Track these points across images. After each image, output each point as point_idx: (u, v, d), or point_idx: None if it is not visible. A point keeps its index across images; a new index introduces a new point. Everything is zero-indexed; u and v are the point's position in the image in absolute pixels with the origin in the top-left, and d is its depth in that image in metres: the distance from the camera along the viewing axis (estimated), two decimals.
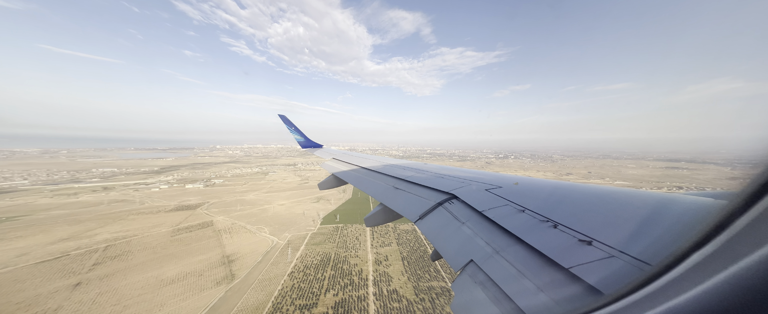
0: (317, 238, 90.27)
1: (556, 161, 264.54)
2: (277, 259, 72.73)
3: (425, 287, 59.18)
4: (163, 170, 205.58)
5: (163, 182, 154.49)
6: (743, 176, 0.44)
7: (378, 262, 71.75)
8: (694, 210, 1.93)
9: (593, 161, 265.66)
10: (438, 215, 3.39)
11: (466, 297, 1.77)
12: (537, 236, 2.05)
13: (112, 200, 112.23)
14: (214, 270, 63.41)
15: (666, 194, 2.50)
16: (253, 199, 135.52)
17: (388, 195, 5.01)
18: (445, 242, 2.73)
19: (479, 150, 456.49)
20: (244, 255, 72.88)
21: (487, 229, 2.57)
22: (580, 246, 1.72)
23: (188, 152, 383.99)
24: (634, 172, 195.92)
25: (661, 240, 1.63)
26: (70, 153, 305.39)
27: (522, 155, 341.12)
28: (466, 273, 2.01)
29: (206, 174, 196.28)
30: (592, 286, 1.27)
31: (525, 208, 2.77)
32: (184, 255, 68.91)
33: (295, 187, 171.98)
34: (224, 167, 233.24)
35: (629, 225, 2.05)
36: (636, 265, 1.37)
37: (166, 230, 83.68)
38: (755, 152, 0.39)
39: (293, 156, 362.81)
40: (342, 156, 11.13)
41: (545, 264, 1.68)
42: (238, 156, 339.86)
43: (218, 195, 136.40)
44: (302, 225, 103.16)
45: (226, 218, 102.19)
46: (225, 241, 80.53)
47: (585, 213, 2.40)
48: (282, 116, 16.19)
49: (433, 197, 4.04)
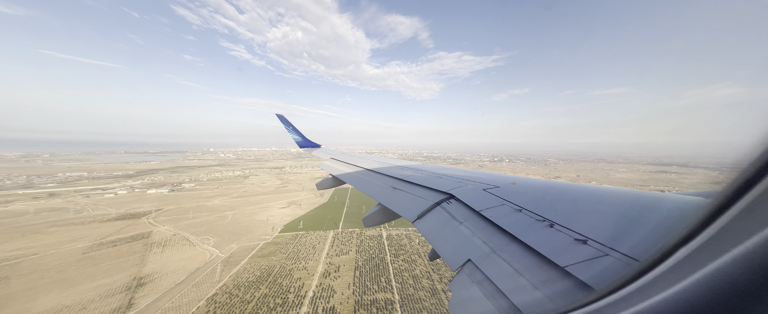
0: (268, 249, 77.61)
1: (548, 165, 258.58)
2: (204, 279, 59.37)
3: (368, 301, 52.53)
4: (138, 174, 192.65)
5: (125, 187, 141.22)
6: (724, 178, 0.45)
7: (326, 274, 62.62)
8: (682, 208, 1.98)
9: (586, 165, 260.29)
10: (436, 214, 3.35)
11: (463, 296, 1.75)
12: (533, 235, 2.05)
13: (45, 209, 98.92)
14: (107, 300, 49.74)
15: (657, 193, 2.52)
16: (216, 205, 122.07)
17: (386, 195, 4.88)
18: (443, 241, 2.68)
19: (476, 153, 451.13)
20: (163, 275, 59.24)
21: (485, 228, 2.56)
22: (576, 245, 1.71)
23: (178, 155, 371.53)
24: (623, 175, 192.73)
25: (652, 237, 1.64)
26: (51, 157, 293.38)
27: (517, 158, 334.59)
28: (464, 272, 2.00)
29: (181, 178, 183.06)
30: (587, 284, 1.26)
31: (522, 208, 2.75)
32: (82, 279, 55.28)
33: (271, 191, 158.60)
34: (206, 171, 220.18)
35: (622, 224, 2.05)
36: (628, 262, 1.38)
37: (82, 245, 70.20)
38: (739, 155, 0.40)
39: (285, 159, 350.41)
40: (340, 156, 11.03)
41: (542, 263, 1.67)
42: (228, 159, 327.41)
43: (178, 201, 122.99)
44: (257, 234, 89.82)
45: (170, 228, 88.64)
46: (151, 258, 66.89)
47: (580, 213, 2.42)
48: (280, 116, 15.98)
49: (432, 197, 3.98)
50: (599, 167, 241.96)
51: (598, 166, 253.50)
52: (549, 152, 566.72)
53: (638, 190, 2.78)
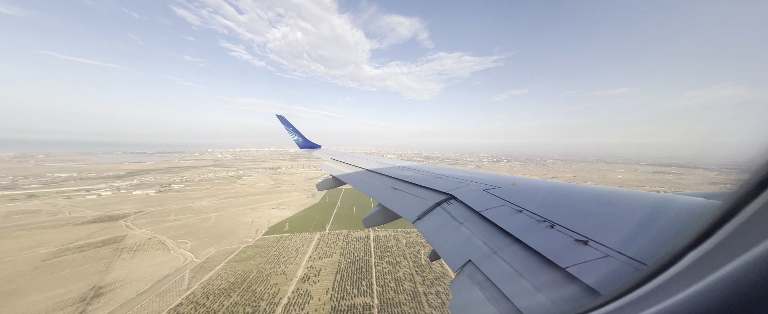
0: (248, 252, 72.96)
1: (547, 165, 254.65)
2: (172, 287, 54.24)
3: (346, 306, 49.26)
4: (129, 175, 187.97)
5: (111, 188, 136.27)
6: (730, 179, 0.43)
7: (305, 278, 58.61)
8: (690, 211, 1.92)
9: (584, 165, 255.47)
10: (436, 215, 3.31)
11: (464, 298, 1.73)
12: (534, 236, 2.02)
13: (18, 212, 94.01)
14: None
15: (662, 194, 2.47)
16: (202, 206, 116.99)
17: (386, 196, 4.84)
18: (443, 242, 2.64)
19: (475, 154, 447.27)
20: (126, 284, 54.11)
21: (485, 229, 2.53)
22: (577, 246, 1.69)
23: (176, 155, 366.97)
24: (620, 176, 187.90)
25: (656, 240, 1.60)
26: (46, 157, 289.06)
27: (516, 159, 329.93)
28: (464, 273, 1.97)
29: (173, 178, 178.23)
30: (589, 286, 1.24)
31: (522, 208, 2.72)
32: (33, 290, 50.17)
33: (263, 192, 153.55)
34: (200, 171, 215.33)
35: (625, 225, 2.02)
36: (631, 265, 1.35)
37: (45, 251, 65.14)
38: (748, 155, 0.38)
39: (282, 159, 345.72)
40: (341, 156, 11.01)
41: (542, 264, 1.65)
42: (225, 160, 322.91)
43: (163, 202, 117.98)
44: (239, 237, 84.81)
45: (148, 231, 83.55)
46: (117, 264, 61.76)
47: (582, 213, 2.38)
48: (280, 117, 15.86)
49: (432, 197, 3.94)
50: (597, 168, 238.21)
51: (596, 166, 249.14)
52: (550, 152, 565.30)
53: (643, 191, 2.63)
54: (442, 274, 62.59)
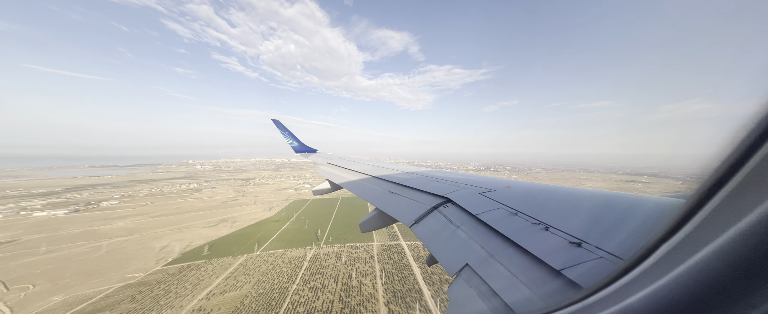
0: (114, 297, 50.03)
1: (530, 174, 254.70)
2: None
3: None
4: (66, 190, 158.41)
5: (11, 210, 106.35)
6: (696, 181, 0.47)
7: None
8: (661, 208, 2.00)
9: (566, 174, 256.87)
10: (433, 219, 3.21)
11: (461, 302, 1.70)
12: (530, 238, 2.00)
13: None
14: None
15: (637, 195, 2.51)
16: (114, 229, 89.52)
17: (383, 200, 4.66)
18: (440, 246, 2.56)
19: (466, 163, 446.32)
20: None
21: (482, 232, 2.47)
22: (570, 247, 1.68)
23: (149, 168, 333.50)
24: (595, 184, 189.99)
25: (633, 236, 1.66)
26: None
27: (503, 168, 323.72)
28: (461, 277, 1.94)
29: (112, 194, 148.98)
30: (580, 284, 1.25)
31: (517, 211, 2.67)
32: None
33: (213, 206, 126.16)
34: (159, 184, 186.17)
35: (608, 223, 2.06)
36: (614, 261, 1.38)
37: None
38: (707, 160, 0.42)
39: (265, 170, 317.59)
40: (337, 161, 10.74)
41: (538, 266, 1.63)
42: (202, 171, 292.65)
43: (63, 226, 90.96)
44: (125, 271, 59.79)
45: None
46: None
47: (572, 214, 2.40)
48: (276, 121, 15.43)
49: (429, 201, 3.83)
50: (576, 176, 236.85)
51: (576, 175, 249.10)
52: (538, 162, 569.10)
53: (620, 191, 2.65)
54: (370, 296, 47.84)
